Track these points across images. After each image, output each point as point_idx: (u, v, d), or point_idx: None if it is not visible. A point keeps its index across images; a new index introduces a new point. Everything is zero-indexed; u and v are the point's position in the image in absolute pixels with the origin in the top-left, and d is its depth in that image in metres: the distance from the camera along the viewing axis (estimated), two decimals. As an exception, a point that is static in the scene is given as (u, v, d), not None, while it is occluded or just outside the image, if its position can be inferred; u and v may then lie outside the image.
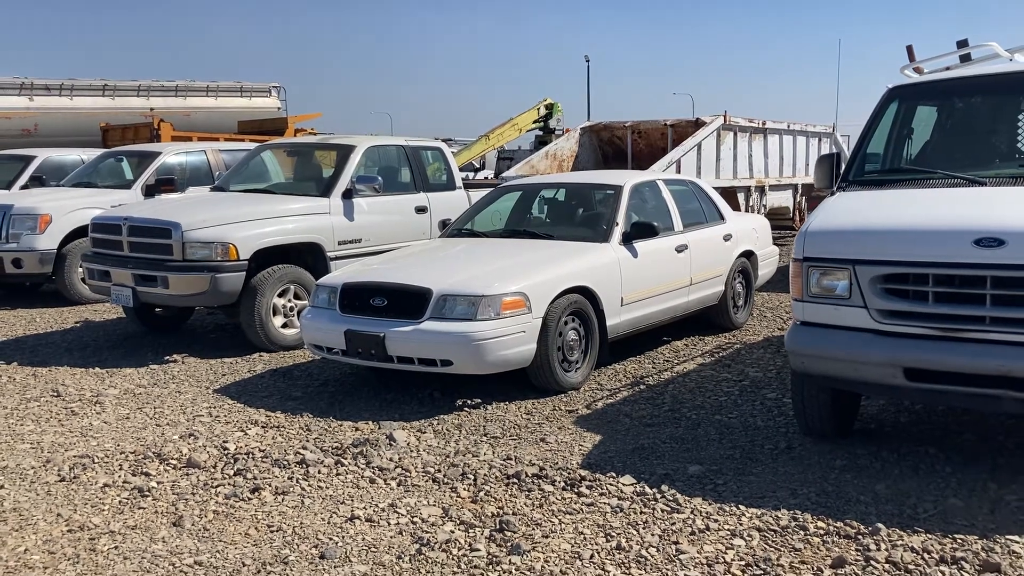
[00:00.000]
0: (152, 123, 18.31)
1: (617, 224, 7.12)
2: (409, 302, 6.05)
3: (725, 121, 13.79)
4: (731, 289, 8.44)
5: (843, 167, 5.47)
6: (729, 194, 14.00)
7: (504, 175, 13.86)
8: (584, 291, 6.51)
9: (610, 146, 15.37)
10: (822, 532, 3.90)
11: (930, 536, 3.83)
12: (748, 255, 8.76)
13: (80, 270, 9.76)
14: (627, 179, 7.69)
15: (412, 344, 5.93)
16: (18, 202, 10.58)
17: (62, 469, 4.87)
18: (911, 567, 3.56)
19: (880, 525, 3.90)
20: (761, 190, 14.72)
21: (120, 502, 4.40)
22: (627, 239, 7.07)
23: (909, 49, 6.61)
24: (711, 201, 8.57)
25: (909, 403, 5.77)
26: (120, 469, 4.87)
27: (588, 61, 51.79)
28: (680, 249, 7.61)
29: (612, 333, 6.88)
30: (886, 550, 3.70)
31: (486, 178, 18.82)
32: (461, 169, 17.75)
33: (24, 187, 12.37)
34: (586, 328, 6.58)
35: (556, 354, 6.26)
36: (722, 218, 8.50)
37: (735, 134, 14.09)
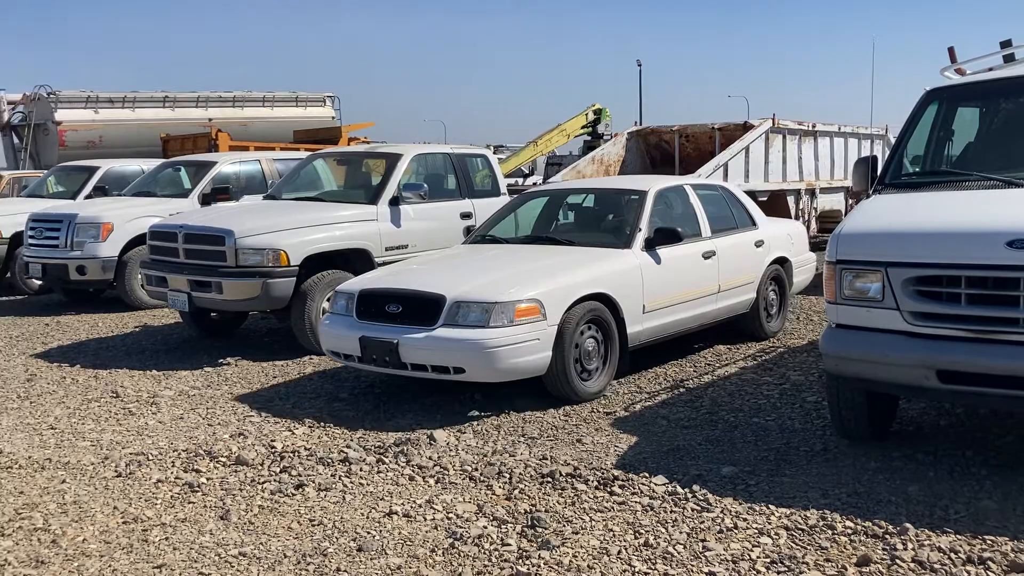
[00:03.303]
0: (210, 133, 18.82)
1: (640, 230, 7.00)
2: (423, 309, 6.05)
3: (773, 124, 13.73)
4: (763, 297, 8.24)
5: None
6: (779, 197, 13.96)
7: (551, 180, 14.01)
8: (603, 298, 6.41)
9: (657, 150, 15.39)
10: (850, 531, 3.94)
11: (959, 537, 3.84)
12: (782, 262, 8.54)
13: (139, 276, 10.11)
14: (652, 184, 7.58)
15: (425, 351, 5.93)
16: (82, 211, 11.02)
17: (119, 465, 5.12)
18: (937, 566, 3.59)
19: (909, 525, 3.92)
20: (812, 193, 14.61)
21: (172, 496, 4.62)
22: (650, 245, 6.94)
23: (951, 51, 6.57)
24: (742, 206, 8.38)
25: (949, 406, 5.74)
26: (173, 466, 5.11)
27: (640, 65, 51.59)
28: (707, 255, 7.46)
29: (633, 341, 6.74)
30: (913, 549, 3.72)
31: (535, 184, 18.92)
32: (510, 175, 17.96)
33: (88, 197, 12.86)
34: (605, 336, 6.46)
35: (573, 362, 6.18)
36: (754, 224, 8.31)
37: (784, 137, 14.01)
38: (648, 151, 15.51)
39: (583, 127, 20.57)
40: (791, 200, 14.20)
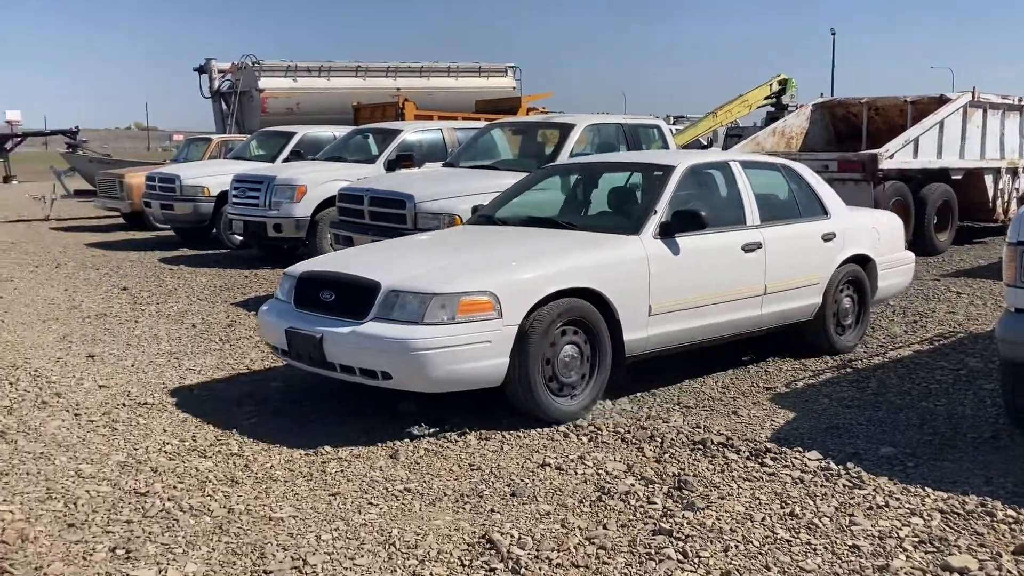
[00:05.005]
0: (398, 102, 19.66)
1: (655, 213, 5.77)
2: (356, 298, 5.11)
3: (973, 97, 12.89)
4: (833, 303, 6.80)
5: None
6: (975, 176, 13.13)
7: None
8: (590, 295, 5.29)
9: (844, 123, 14.81)
10: (1011, 520, 3.81)
11: None
12: (862, 261, 7.05)
13: (329, 236, 10.82)
14: (684, 160, 6.39)
15: (349, 350, 4.99)
16: (280, 174, 11.89)
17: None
18: (1103, 563, 3.43)
19: (1078, 520, 3.76)
20: (1013, 172, 13.63)
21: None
22: (667, 232, 5.72)
23: None
24: (811, 191, 6.97)
25: None
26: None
27: (834, 34, 49.15)
28: (749, 248, 6.14)
29: (633, 351, 5.56)
30: (1079, 544, 3.57)
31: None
32: (687, 146, 17.72)
33: (286, 160, 13.83)
34: (592, 342, 5.34)
35: (541, 373, 5.07)
36: (825, 212, 6.88)
37: (985, 111, 13.13)
38: (834, 124, 14.95)
39: (766, 98, 19.97)
40: (988, 180, 13.33)
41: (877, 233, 7.28)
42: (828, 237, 6.75)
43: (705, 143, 22.62)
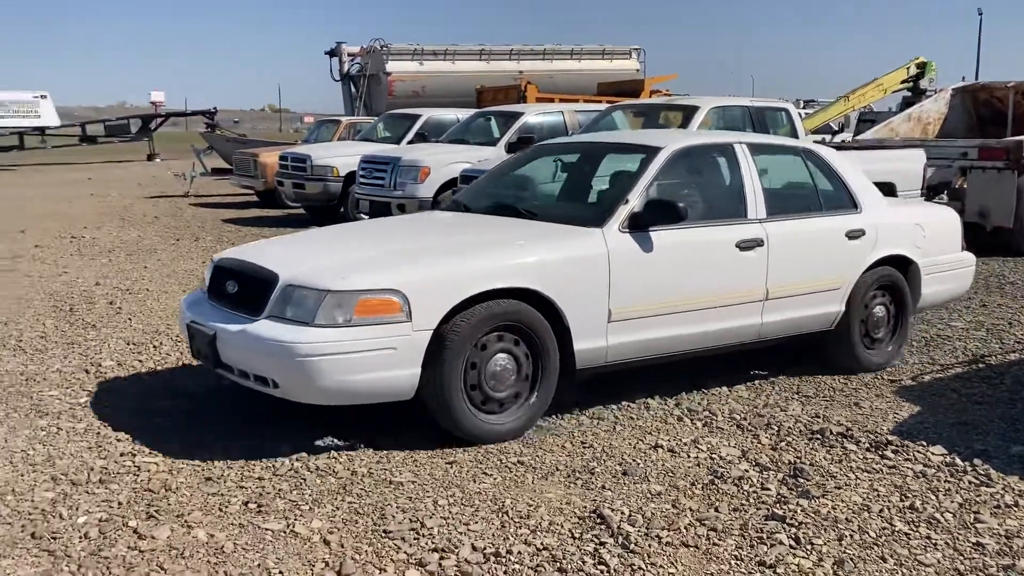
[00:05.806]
0: (520, 85, 19.83)
1: (625, 202, 4.99)
2: (256, 291, 4.51)
3: None
4: (861, 311, 5.92)
5: None
6: None
7: (858, 138, 13.31)
8: (532, 296, 4.56)
9: (987, 108, 14.08)
10: None
11: None
12: (900, 263, 6.11)
13: (450, 216, 11.06)
14: (674, 141, 5.51)
15: (238, 351, 4.41)
16: (405, 155, 12.21)
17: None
18: None
19: None
20: None
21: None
22: (638, 224, 4.94)
23: None
24: (838, 180, 5.97)
25: None
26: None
27: (981, 15, 46.50)
28: (746, 245, 5.30)
29: (587, 362, 4.83)
30: None
31: (843, 141, 17.96)
32: (816, 131, 17.20)
33: (411, 142, 14.19)
34: (534, 351, 4.63)
35: (461, 386, 4.41)
36: (854, 206, 5.92)
37: None
38: (976, 109, 14.24)
39: (903, 82, 19.13)
40: None
41: (922, 230, 6.23)
42: (855, 234, 5.82)
43: (836, 128, 21.89)
